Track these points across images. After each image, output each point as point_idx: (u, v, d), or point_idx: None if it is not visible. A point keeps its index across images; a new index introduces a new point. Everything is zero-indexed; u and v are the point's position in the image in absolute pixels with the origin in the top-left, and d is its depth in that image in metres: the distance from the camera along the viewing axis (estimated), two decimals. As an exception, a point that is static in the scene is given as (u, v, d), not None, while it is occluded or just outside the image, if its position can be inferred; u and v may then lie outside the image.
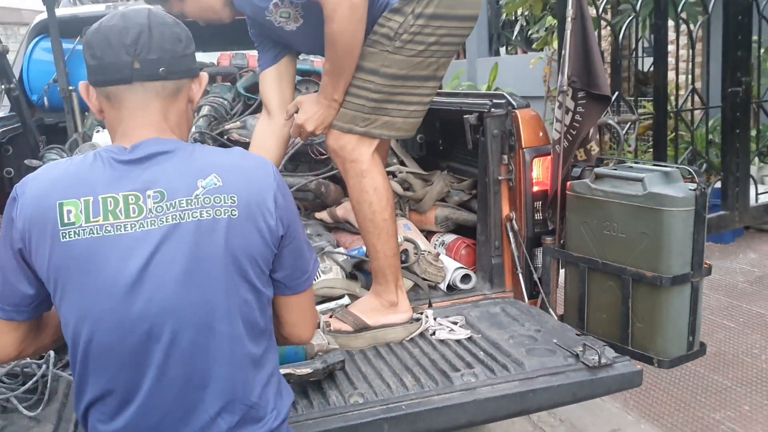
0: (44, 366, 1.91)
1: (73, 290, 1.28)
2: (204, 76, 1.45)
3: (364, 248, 2.49)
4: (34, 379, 1.88)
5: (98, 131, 3.02)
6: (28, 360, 1.93)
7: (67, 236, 1.26)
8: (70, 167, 1.33)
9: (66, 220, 1.26)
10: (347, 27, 2.11)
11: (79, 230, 1.26)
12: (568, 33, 2.44)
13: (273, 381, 1.41)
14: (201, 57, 4.21)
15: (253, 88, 3.39)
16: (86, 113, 3.29)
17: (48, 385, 1.88)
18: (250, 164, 1.37)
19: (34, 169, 2.84)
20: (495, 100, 2.63)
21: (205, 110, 3.22)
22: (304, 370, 1.89)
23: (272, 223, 1.33)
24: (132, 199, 1.28)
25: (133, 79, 1.32)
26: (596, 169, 2.42)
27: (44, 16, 3.41)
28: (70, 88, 3.25)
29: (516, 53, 10.69)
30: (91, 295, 1.27)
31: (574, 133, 2.48)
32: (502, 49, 11.22)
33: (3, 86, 3.01)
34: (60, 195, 1.28)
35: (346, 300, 2.49)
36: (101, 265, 1.26)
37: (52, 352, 1.94)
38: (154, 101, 1.35)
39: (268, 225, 1.33)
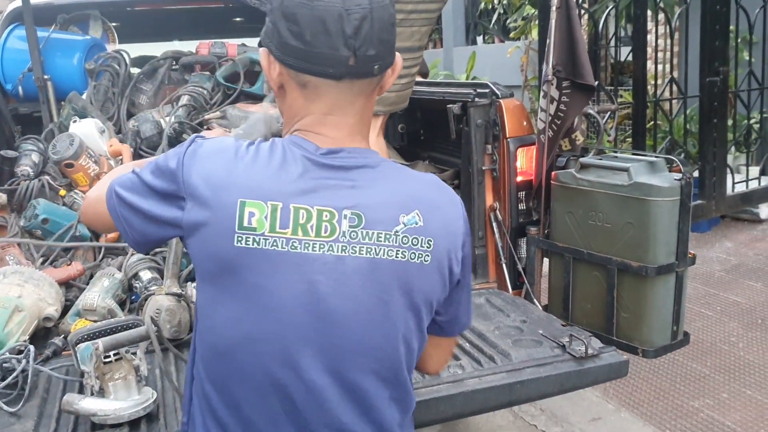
0: (24, 361, 1.87)
1: (235, 300, 1.13)
2: (399, 59, 1.21)
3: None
4: (14, 374, 1.84)
5: (75, 121, 2.96)
6: (7, 355, 1.89)
7: (242, 242, 1.10)
8: (259, 156, 1.14)
9: (246, 224, 1.10)
10: None
11: (260, 239, 1.10)
12: (552, 22, 2.43)
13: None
14: (179, 46, 4.16)
15: (233, 77, 3.34)
16: (62, 103, 3.22)
17: (28, 381, 1.84)
18: (445, 201, 1.21)
19: (10, 159, 2.83)
20: (479, 90, 2.61)
21: (184, 100, 3.16)
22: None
23: (456, 270, 1.21)
24: (326, 216, 1.11)
25: (345, 77, 1.12)
26: (581, 159, 2.42)
27: (18, 3, 3.33)
28: (46, 77, 3.19)
29: (493, 42, 10.69)
30: (260, 313, 1.13)
31: (558, 122, 2.48)
32: (479, 39, 11.21)
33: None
34: (242, 191, 1.11)
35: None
36: (278, 283, 1.11)
37: (31, 347, 1.90)
38: (358, 101, 1.16)
39: (451, 272, 1.20)
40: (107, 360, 1.76)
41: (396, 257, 1.13)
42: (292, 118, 1.20)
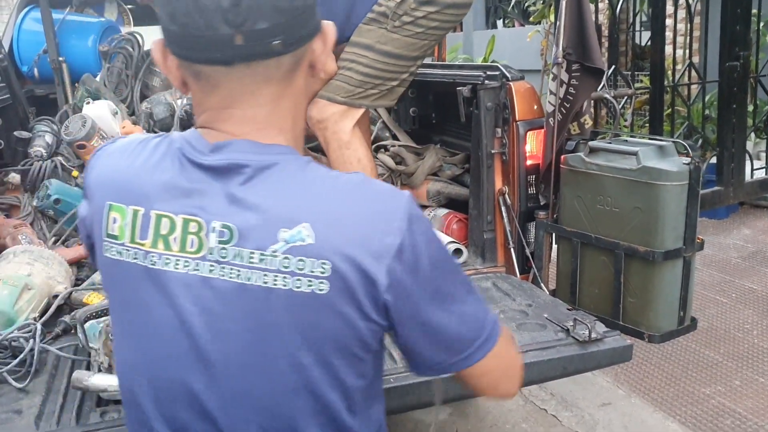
0: (32, 340, 1.90)
1: (117, 321, 1.02)
2: (329, 27, 0.98)
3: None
4: (25, 352, 1.87)
5: (88, 103, 2.99)
6: (16, 333, 1.92)
7: (108, 252, 0.97)
8: (138, 153, 0.99)
9: (110, 231, 0.96)
10: None
11: (122, 249, 0.95)
12: (563, 4, 2.41)
13: None
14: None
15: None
16: (76, 84, 3.25)
17: (35, 358, 1.87)
18: (364, 210, 0.92)
19: (24, 140, 2.86)
20: (489, 72, 2.60)
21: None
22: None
23: (377, 300, 0.91)
24: (193, 227, 0.92)
25: (235, 61, 0.90)
26: (591, 143, 2.40)
27: (35, -15, 3.36)
28: (61, 59, 3.22)
29: (513, 26, 10.61)
30: (127, 338, 1.00)
31: (568, 106, 2.46)
32: (499, 22, 11.14)
33: (-9, 57, 2.97)
34: (111, 192, 0.97)
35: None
36: (141, 307, 0.96)
37: (38, 325, 1.93)
38: (265, 89, 0.93)
39: (371, 303, 0.91)
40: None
41: (274, 285, 0.89)
42: (199, 114, 0.99)
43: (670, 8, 4.71)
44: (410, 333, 0.97)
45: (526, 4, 8.35)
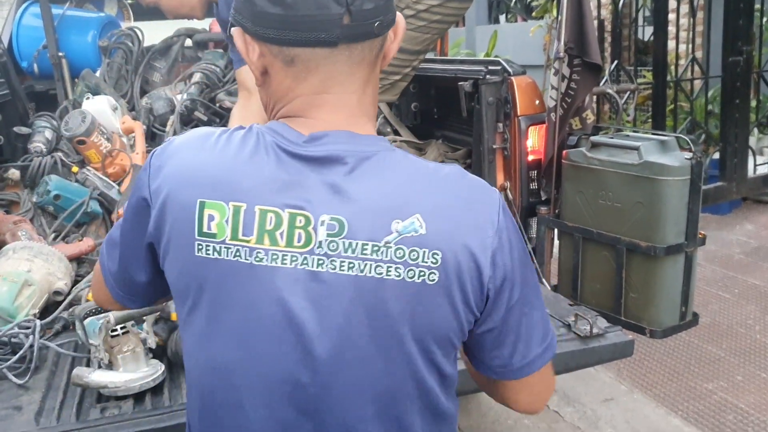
0: (31, 336, 1.90)
1: (203, 320, 0.97)
2: (401, 19, 0.99)
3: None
4: (25, 348, 1.87)
5: (88, 98, 2.98)
6: (16, 329, 1.92)
7: (203, 251, 0.93)
8: (224, 148, 0.95)
9: (206, 229, 0.92)
10: None
11: (220, 247, 0.92)
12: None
13: None
14: (194, 24, 4.15)
15: (246, 55, 3.34)
16: (76, 80, 3.24)
17: (35, 354, 1.87)
18: (466, 200, 0.95)
19: (23, 136, 2.86)
20: (490, 67, 2.58)
21: (197, 77, 3.17)
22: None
23: (482, 289, 0.94)
24: (300, 221, 0.91)
25: (341, 41, 0.90)
26: (592, 138, 2.39)
27: (33, -20, 3.35)
28: (60, 54, 3.21)
29: (516, 21, 10.58)
30: (225, 338, 0.95)
31: (569, 101, 2.45)
32: (502, 17, 11.10)
33: (-10, 52, 2.97)
34: (203, 189, 0.93)
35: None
36: (241, 302, 0.93)
37: (38, 322, 1.93)
38: (359, 72, 0.94)
39: (474, 292, 0.94)
40: (114, 334, 1.78)
41: (387, 275, 0.90)
42: (274, 108, 0.99)
43: (672, 3, 4.70)
44: (493, 326, 0.98)
45: (529, -1, 8.33)
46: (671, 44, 4.81)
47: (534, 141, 2.54)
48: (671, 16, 4.64)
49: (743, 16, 4.36)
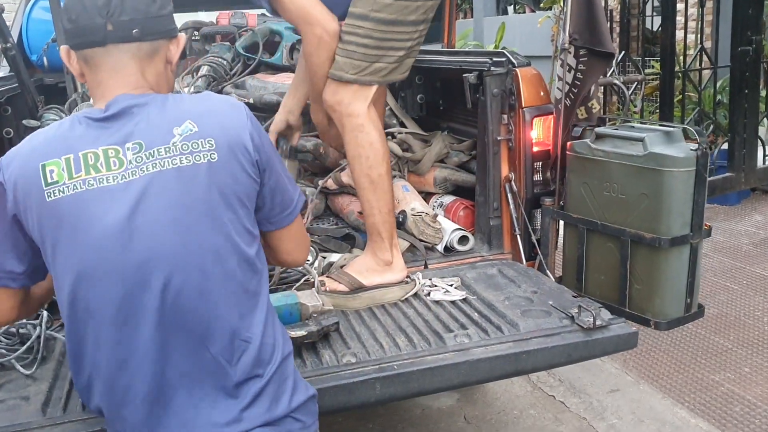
0: (39, 327, 1.92)
1: (65, 248, 1.30)
2: (182, 37, 1.47)
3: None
4: (32, 339, 1.89)
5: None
6: (24, 320, 1.94)
7: (52, 195, 1.29)
8: (49, 132, 1.36)
9: (50, 180, 1.29)
10: None
11: (63, 188, 1.29)
12: (570, -11, 2.39)
13: (270, 322, 1.42)
14: (200, 16, 4.17)
15: (253, 48, 3.35)
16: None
17: (41, 345, 1.89)
18: (222, 107, 1.41)
19: (33, 129, 2.86)
20: (495, 59, 2.58)
21: (204, 70, 3.18)
22: (298, 332, 1.88)
23: (252, 160, 1.37)
24: (112, 153, 1.30)
25: (107, 41, 1.34)
26: (597, 129, 2.38)
27: (42, -26, 3.36)
28: (69, 47, 3.22)
29: (524, 12, 10.54)
30: (82, 250, 1.29)
31: (575, 91, 2.44)
32: (510, 8, 11.06)
33: (0, 46, 2.97)
34: (42, 157, 1.31)
35: (335, 258, 2.49)
36: (88, 220, 1.28)
37: (45, 313, 1.95)
38: (129, 63, 1.37)
39: (249, 162, 1.37)
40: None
41: (181, 164, 1.31)
42: (95, 97, 1.40)
43: (681, -8, 4.68)
44: (267, 187, 1.44)
45: (537, -10, 8.29)
46: (679, 34, 4.78)
47: (539, 132, 2.53)
48: (680, 6, 4.61)
49: (753, 6, 4.32)
